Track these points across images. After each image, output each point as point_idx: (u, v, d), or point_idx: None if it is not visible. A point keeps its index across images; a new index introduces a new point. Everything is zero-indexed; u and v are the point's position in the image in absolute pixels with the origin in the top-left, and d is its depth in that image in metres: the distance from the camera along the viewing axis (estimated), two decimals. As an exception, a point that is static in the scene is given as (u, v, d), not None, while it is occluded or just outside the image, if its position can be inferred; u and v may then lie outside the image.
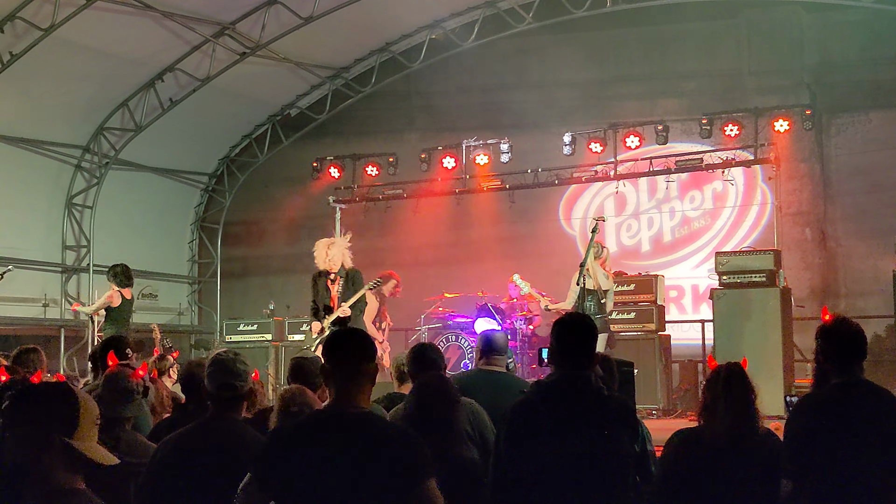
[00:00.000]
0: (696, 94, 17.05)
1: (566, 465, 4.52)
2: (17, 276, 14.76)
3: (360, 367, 3.86)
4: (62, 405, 3.10)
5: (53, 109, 16.60)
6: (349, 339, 3.98)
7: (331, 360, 3.89)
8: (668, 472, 4.86)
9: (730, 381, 4.78)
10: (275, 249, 19.98)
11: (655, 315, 13.70)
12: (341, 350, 3.90)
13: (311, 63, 18.09)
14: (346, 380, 3.83)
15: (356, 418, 3.77)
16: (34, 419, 3.06)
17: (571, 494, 4.51)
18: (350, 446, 3.67)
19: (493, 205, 17.29)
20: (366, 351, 3.92)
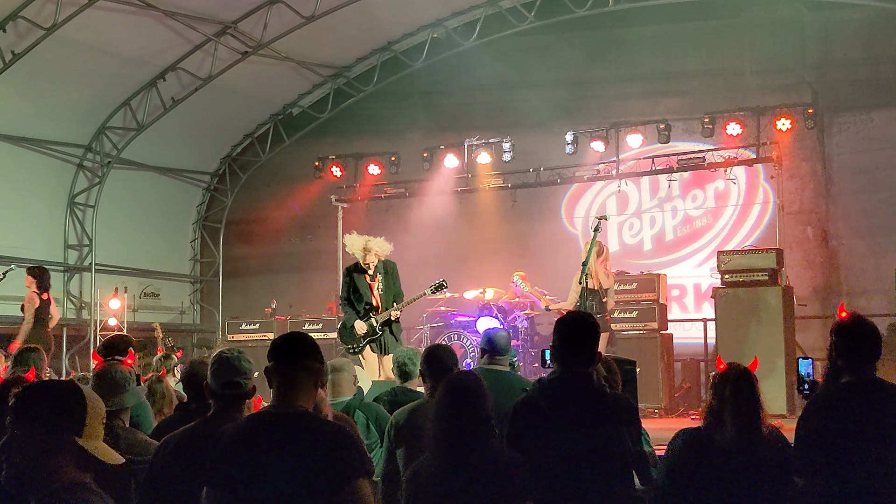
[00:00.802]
0: (698, 92, 17.05)
1: (568, 462, 4.52)
2: (20, 276, 14.75)
3: (299, 367, 3.88)
4: (70, 404, 3.11)
5: (56, 109, 16.60)
6: (291, 339, 4.00)
7: (274, 360, 3.91)
8: (673, 472, 4.84)
9: (738, 387, 4.75)
10: (277, 248, 19.98)
11: (657, 314, 13.69)
12: (282, 350, 3.93)
13: (313, 62, 18.09)
14: (285, 380, 3.85)
15: (292, 418, 3.78)
16: (42, 418, 3.06)
17: (574, 491, 4.51)
18: (284, 446, 3.68)
19: (495, 204, 17.29)
20: (307, 351, 3.93)
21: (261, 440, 3.74)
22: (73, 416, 3.08)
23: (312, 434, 3.76)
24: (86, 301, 17.81)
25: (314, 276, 18.93)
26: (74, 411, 3.09)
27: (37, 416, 3.07)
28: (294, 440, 3.70)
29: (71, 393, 3.16)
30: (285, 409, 3.81)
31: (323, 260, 18.43)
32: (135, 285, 18.42)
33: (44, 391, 3.25)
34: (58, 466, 3.01)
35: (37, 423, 3.05)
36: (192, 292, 20.82)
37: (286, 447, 3.68)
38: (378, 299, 10.62)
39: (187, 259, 20.76)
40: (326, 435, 3.78)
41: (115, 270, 18.19)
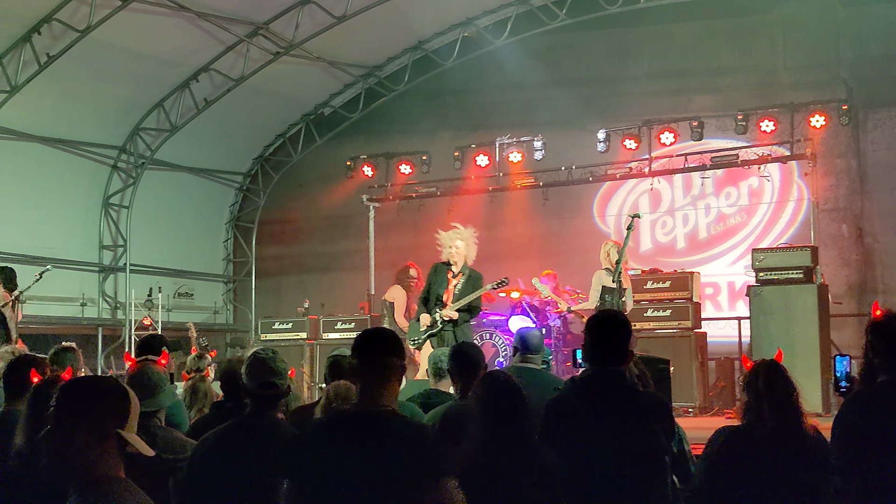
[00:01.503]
0: (732, 89, 16.94)
1: (601, 460, 4.50)
2: (56, 276, 14.88)
3: (387, 365, 3.87)
4: (116, 397, 3.19)
5: (90, 110, 16.75)
6: (378, 336, 3.99)
7: (358, 357, 3.90)
8: (713, 470, 4.81)
9: (771, 379, 4.72)
10: (309, 248, 20.05)
11: (691, 312, 13.61)
12: (369, 348, 3.91)
13: (345, 62, 18.14)
14: (372, 378, 3.84)
15: (380, 416, 3.78)
16: (90, 410, 3.13)
17: (607, 490, 4.49)
18: (373, 444, 3.68)
19: (526, 202, 17.25)
20: (393, 349, 3.92)
21: (348, 437, 3.73)
22: (119, 410, 3.17)
23: (402, 433, 3.75)
24: (120, 301, 17.95)
25: (346, 275, 18.97)
26: (120, 405, 3.18)
27: (85, 409, 3.13)
28: (383, 439, 3.70)
29: (116, 387, 3.25)
30: (371, 408, 3.79)
31: (355, 259, 18.47)
32: (169, 285, 18.55)
33: (93, 384, 3.33)
34: (99, 458, 3.07)
35: (85, 415, 3.12)
36: (225, 292, 20.94)
37: (376, 445, 3.67)
38: (451, 297, 10.38)
39: (220, 259, 20.88)
40: (416, 434, 3.79)
41: (149, 271, 18.32)
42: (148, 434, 4.88)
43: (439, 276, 10.50)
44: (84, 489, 3.05)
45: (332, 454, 3.71)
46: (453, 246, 10.42)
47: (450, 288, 10.37)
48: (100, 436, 3.11)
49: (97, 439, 3.10)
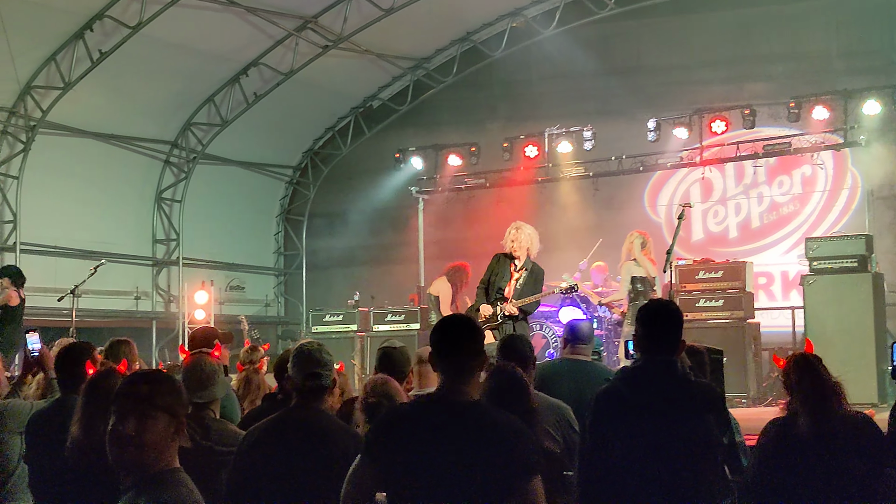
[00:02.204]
0: (784, 76, 16.70)
1: (653, 450, 4.47)
2: (110, 270, 15.08)
3: (469, 354, 3.82)
4: (174, 389, 3.26)
5: (142, 106, 16.94)
6: (459, 325, 3.93)
7: (440, 346, 3.85)
8: (764, 463, 4.77)
9: (800, 373, 4.67)
10: (359, 240, 20.10)
11: (744, 302, 13.45)
12: (451, 337, 3.86)
13: (393, 54, 18.16)
14: (454, 367, 3.79)
15: (465, 406, 3.73)
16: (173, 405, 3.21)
17: (658, 480, 4.46)
18: (459, 435, 3.63)
19: (576, 193, 17.18)
20: (475, 338, 3.88)
21: (434, 423, 3.69)
22: (180, 402, 3.26)
23: (492, 425, 3.70)
24: (174, 295, 18.14)
25: (396, 267, 19.00)
26: (180, 397, 3.26)
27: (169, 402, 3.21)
28: (472, 430, 3.64)
29: (171, 379, 3.33)
30: (457, 397, 3.75)
31: (404, 251, 18.51)
32: (221, 278, 18.71)
33: (170, 379, 3.38)
34: (167, 450, 3.14)
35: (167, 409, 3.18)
36: (276, 285, 21.09)
37: (463, 436, 3.62)
38: (513, 291, 10.21)
39: (271, 252, 21.03)
40: (507, 428, 3.71)
41: (201, 264, 18.48)
42: (202, 426, 4.94)
43: (501, 268, 10.38)
44: (147, 481, 3.09)
45: (416, 444, 3.67)
46: (517, 240, 10.30)
47: (511, 282, 10.24)
48: (176, 429, 3.20)
49: (175, 432, 3.19)
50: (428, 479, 3.60)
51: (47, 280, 15.33)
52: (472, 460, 3.57)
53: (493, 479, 3.55)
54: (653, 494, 4.46)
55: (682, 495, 4.45)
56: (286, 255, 21.22)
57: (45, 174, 15.76)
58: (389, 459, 3.69)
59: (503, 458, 3.58)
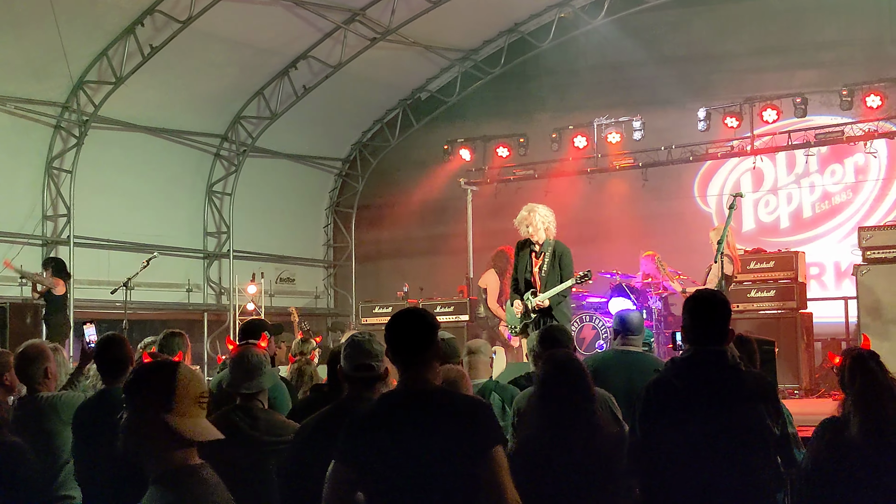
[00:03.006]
0: (836, 64, 16.45)
1: (704, 441, 4.44)
2: (162, 263, 15.24)
3: (421, 345, 3.90)
4: (158, 382, 3.15)
5: (193, 100, 17.08)
6: (409, 317, 4.00)
7: (394, 339, 3.93)
8: (816, 463, 4.71)
9: (852, 375, 4.61)
10: (407, 232, 20.13)
11: (796, 293, 13.32)
12: (403, 329, 3.94)
13: (441, 46, 18.15)
14: (410, 358, 3.88)
15: (424, 395, 3.82)
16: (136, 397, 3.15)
17: (710, 471, 4.43)
18: (420, 423, 3.72)
19: (625, 183, 17.09)
20: (427, 328, 3.95)
21: (397, 417, 3.78)
22: (161, 393, 3.12)
23: (448, 407, 3.80)
24: (224, 287, 18.30)
25: (445, 259, 19.01)
26: (162, 388, 3.13)
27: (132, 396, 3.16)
28: (431, 415, 3.74)
29: (161, 371, 3.21)
30: (416, 387, 3.85)
31: (453, 243, 18.51)
32: (271, 271, 18.86)
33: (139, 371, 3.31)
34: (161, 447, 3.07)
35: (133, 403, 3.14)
36: (325, 277, 21.20)
37: (424, 423, 3.72)
38: (538, 280, 9.85)
39: (321, 244, 21.14)
40: (462, 407, 3.82)
41: (251, 256, 18.64)
42: (250, 416, 4.98)
43: (522, 260, 10.07)
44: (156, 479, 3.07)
45: (384, 435, 3.75)
46: (532, 223, 9.90)
47: (535, 270, 9.93)
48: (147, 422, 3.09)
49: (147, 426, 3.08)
50: (399, 471, 3.68)
51: (100, 273, 15.57)
52: (435, 444, 3.65)
53: (456, 457, 3.63)
54: (704, 485, 4.43)
55: (733, 486, 4.42)
56: (335, 248, 21.33)
57: (98, 168, 15.96)
58: (361, 460, 3.77)
59: (462, 435, 3.66)
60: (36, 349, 5.97)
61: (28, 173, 15.49)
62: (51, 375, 5.91)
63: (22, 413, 5.72)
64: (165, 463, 3.07)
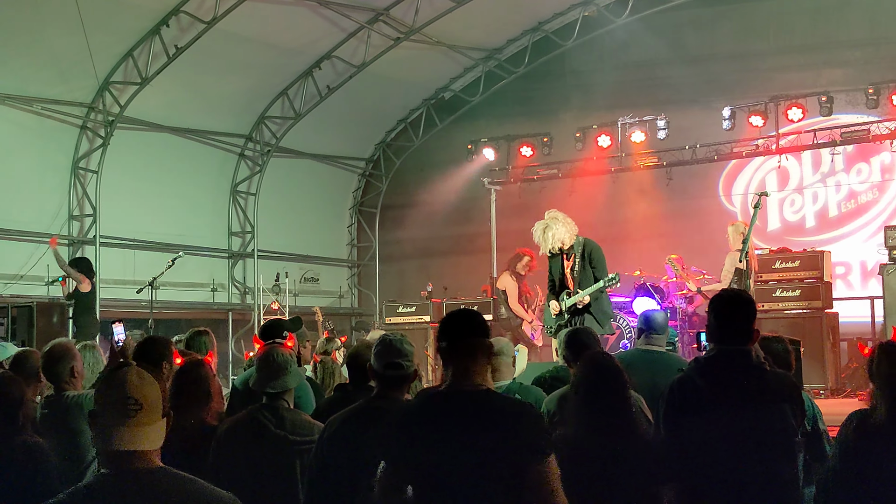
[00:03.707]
0: (862, 62, 16.36)
1: (728, 441, 4.43)
2: (187, 262, 15.31)
3: (475, 344, 3.86)
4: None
5: (217, 100, 17.15)
6: (462, 318, 3.97)
7: (446, 339, 3.90)
8: (845, 454, 4.68)
9: (880, 360, 4.58)
10: (431, 232, 20.14)
11: (822, 292, 13.25)
12: (455, 329, 3.91)
13: (465, 45, 18.16)
14: (462, 358, 3.83)
15: (476, 396, 3.77)
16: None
17: (734, 470, 4.42)
18: (470, 424, 3.67)
19: (650, 182, 17.05)
20: (480, 329, 3.92)
21: (446, 418, 3.74)
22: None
23: (501, 412, 3.74)
24: (249, 286, 18.37)
25: (468, 258, 19.01)
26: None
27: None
28: (485, 417, 3.69)
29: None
30: (466, 388, 3.80)
31: (477, 243, 18.51)
32: (295, 270, 18.91)
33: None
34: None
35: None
36: (349, 276, 21.25)
37: (475, 425, 3.67)
38: (571, 281, 9.80)
39: (345, 244, 21.19)
40: (515, 413, 3.76)
41: (276, 256, 18.71)
42: (276, 416, 4.99)
43: (556, 262, 10.01)
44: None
45: (432, 434, 3.72)
46: (548, 240, 9.79)
47: (566, 272, 9.88)
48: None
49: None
50: (446, 471, 3.64)
51: (126, 272, 15.66)
52: (486, 448, 3.60)
53: (507, 464, 3.59)
54: (728, 485, 4.42)
55: (756, 485, 4.40)
56: (359, 247, 21.38)
57: (124, 169, 16.05)
58: (408, 458, 3.74)
59: (515, 442, 3.61)
60: (62, 348, 6.00)
61: (54, 174, 15.60)
62: (77, 374, 5.94)
63: (48, 412, 5.76)
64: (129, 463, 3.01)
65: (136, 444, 2.89)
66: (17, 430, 4.73)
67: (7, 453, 4.62)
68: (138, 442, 2.89)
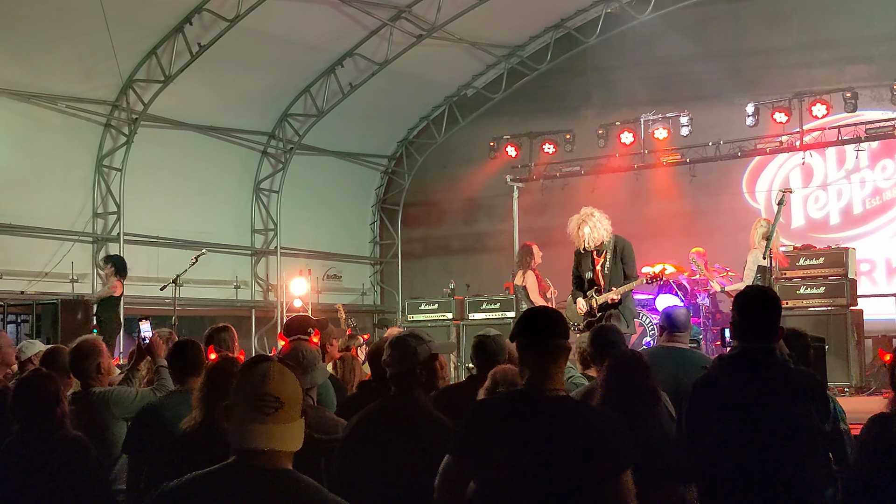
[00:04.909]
0: (887, 58, 16.24)
1: (751, 439, 4.40)
2: (211, 260, 15.37)
3: (556, 345, 3.81)
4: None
5: (240, 98, 17.19)
6: (545, 317, 3.92)
7: (526, 338, 3.84)
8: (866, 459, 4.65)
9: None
10: (453, 229, 20.15)
11: (846, 289, 13.16)
12: (538, 328, 3.85)
13: (487, 42, 18.14)
14: (542, 359, 3.78)
15: (555, 400, 3.72)
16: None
17: (757, 469, 4.39)
18: (550, 429, 3.62)
19: (673, 179, 16.99)
20: (561, 329, 3.87)
21: (525, 419, 3.68)
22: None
23: (584, 419, 3.71)
24: (272, 284, 18.42)
25: (491, 256, 19.01)
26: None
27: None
28: (566, 425, 3.64)
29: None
30: (546, 391, 3.74)
31: (499, 240, 18.50)
32: (318, 268, 18.94)
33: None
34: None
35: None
36: (372, 274, 21.28)
37: (558, 431, 3.62)
38: (601, 278, 9.83)
39: (367, 241, 21.22)
40: (602, 422, 3.73)
41: (298, 253, 18.73)
42: (300, 412, 4.99)
43: (583, 258, 10.04)
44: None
45: (507, 438, 3.66)
46: (583, 236, 9.83)
47: (597, 269, 9.91)
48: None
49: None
50: (519, 474, 3.60)
51: (150, 270, 15.72)
52: (566, 455, 3.55)
53: (586, 474, 3.55)
54: (751, 482, 4.40)
55: (782, 484, 4.38)
56: (382, 245, 21.40)
57: (147, 166, 16.13)
58: (480, 455, 3.69)
59: (598, 452, 3.57)
60: (89, 344, 6.03)
61: (79, 171, 15.69)
62: (104, 370, 5.98)
63: (76, 408, 5.78)
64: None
65: (273, 444, 2.78)
66: (57, 426, 4.76)
67: (48, 449, 4.66)
68: (276, 441, 2.79)
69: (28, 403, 4.77)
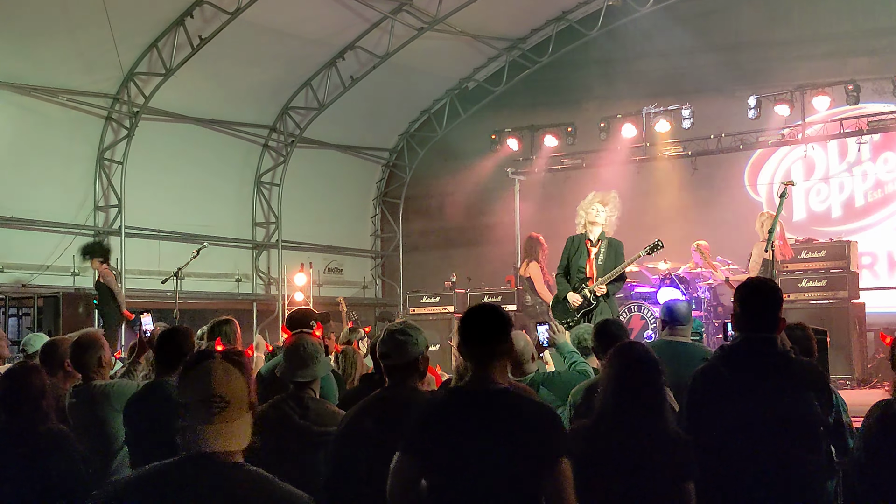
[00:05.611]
0: (889, 51, 16.19)
1: (753, 430, 4.40)
2: (212, 253, 15.38)
3: (497, 342, 3.85)
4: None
5: (241, 91, 17.19)
6: (483, 316, 3.94)
7: (468, 337, 3.88)
8: (869, 445, 4.64)
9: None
10: (455, 222, 20.13)
11: (848, 282, 13.17)
12: (478, 327, 3.89)
13: (488, 35, 18.12)
14: (483, 356, 3.83)
15: (494, 395, 3.78)
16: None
17: (759, 460, 4.39)
18: (490, 423, 3.68)
19: (674, 173, 16.97)
20: (502, 327, 3.90)
21: (466, 415, 3.74)
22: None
23: (519, 411, 3.75)
24: (273, 277, 18.42)
25: (492, 249, 18.99)
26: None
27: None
28: (502, 417, 3.70)
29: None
30: (486, 386, 3.80)
31: (500, 233, 18.49)
32: (319, 261, 18.94)
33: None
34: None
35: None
36: (373, 267, 21.27)
37: (494, 424, 3.68)
38: (594, 270, 9.88)
39: (368, 234, 21.21)
40: (534, 413, 3.78)
41: (300, 247, 18.75)
42: (301, 405, 4.99)
43: (577, 247, 10.06)
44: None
45: (452, 430, 3.73)
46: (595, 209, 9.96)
47: (591, 258, 9.93)
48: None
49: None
50: (464, 469, 3.65)
51: (151, 263, 15.74)
52: (504, 447, 3.61)
53: (524, 464, 3.59)
54: (753, 474, 4.40)
55: (783, 475, 4.38)
56: (383, 238, 21.40)
57: (148, 159, 16.12)
58: (427, 453, 3.75)
59: (533, 443, 3.62)
60: (90, 338, 6.03)
61: (80, 164, 15.69)
62: (105, 364, 5.98)
63: (76, 401, 5.80)
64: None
65: (221, 445, 2.79)
66: (41, 419, 4.76)
67: (32, 441, 4.66)
68: (224, 442, 2.80)
69: (13, 395, 4.78)
